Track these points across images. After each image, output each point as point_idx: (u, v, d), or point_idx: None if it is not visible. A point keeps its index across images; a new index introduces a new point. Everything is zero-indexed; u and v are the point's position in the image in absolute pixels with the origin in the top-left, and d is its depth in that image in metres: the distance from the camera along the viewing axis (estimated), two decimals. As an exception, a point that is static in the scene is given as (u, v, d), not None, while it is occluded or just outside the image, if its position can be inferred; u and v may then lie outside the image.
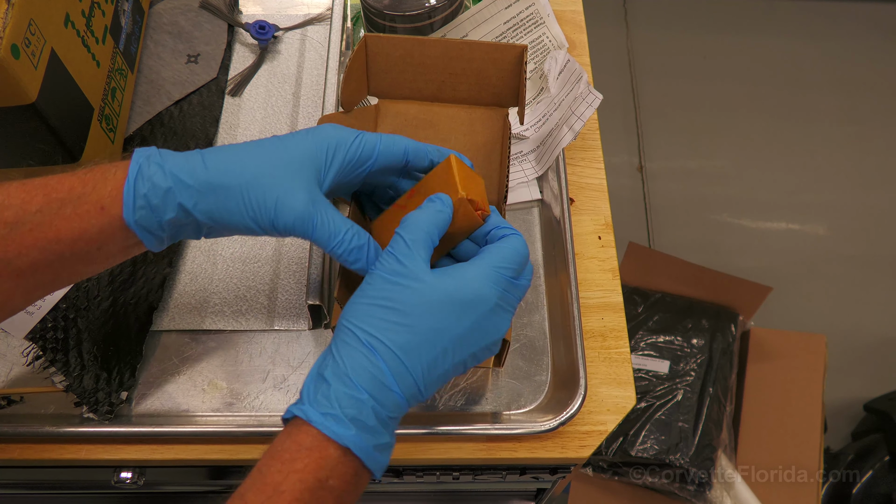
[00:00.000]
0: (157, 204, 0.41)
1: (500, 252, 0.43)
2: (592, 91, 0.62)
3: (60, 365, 0.53)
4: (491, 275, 0.42)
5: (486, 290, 0.41)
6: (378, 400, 0.38)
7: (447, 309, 0.40)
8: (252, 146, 0.43)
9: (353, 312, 0.40)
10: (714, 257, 1.55)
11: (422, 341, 0.39)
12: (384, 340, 0.39)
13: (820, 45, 1.91)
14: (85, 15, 0.58)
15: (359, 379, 0.38)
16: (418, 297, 0.40)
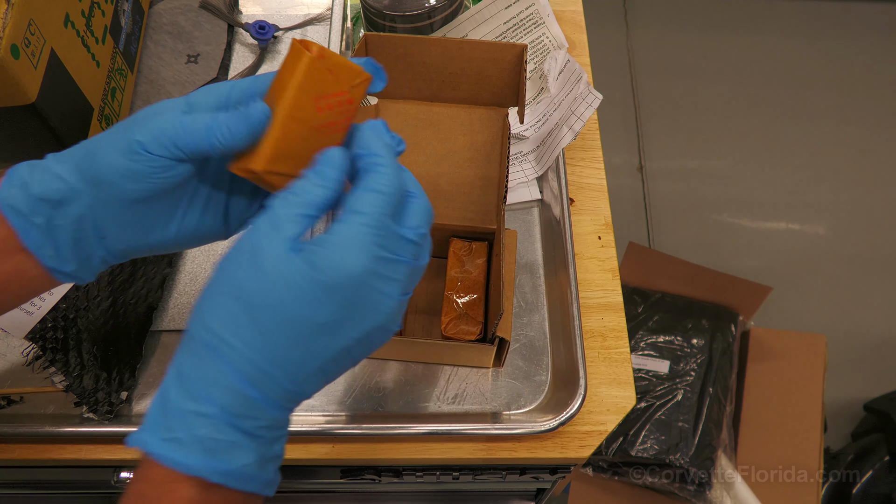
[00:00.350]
0: (29, 180, 0.37)
1: (365, 200, 0.33)
2: (592, 91, 0.62)
3: (60, 365, 0.53)
4: (356, 239, 0.32)
5: (350, 261, 0.32)
6: (234, 411, 0.31)
7: (300, 294, 0.31)
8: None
9: (199, 307, 0.33)
10: (714, 257, 1.55)
11: (277, 336, 0.32)
12: (230, 339, 0.32)
13: (820, 45, 1.91)
14: (85, 15, 0.57)
15: (205, 390, 0.31)
16: (265, 283, 0.32)
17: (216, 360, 0.32)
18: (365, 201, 0.33)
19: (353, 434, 0.53)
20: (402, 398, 0.56)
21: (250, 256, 0.32)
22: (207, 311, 0.32)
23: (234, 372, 0.32)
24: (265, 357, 0.32)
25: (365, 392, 0.56)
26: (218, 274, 0.33)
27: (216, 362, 0.32)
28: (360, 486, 0.64)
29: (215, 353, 0.32)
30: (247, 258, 0.32)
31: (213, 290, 0.33)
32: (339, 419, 0.54)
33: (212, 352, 0.32)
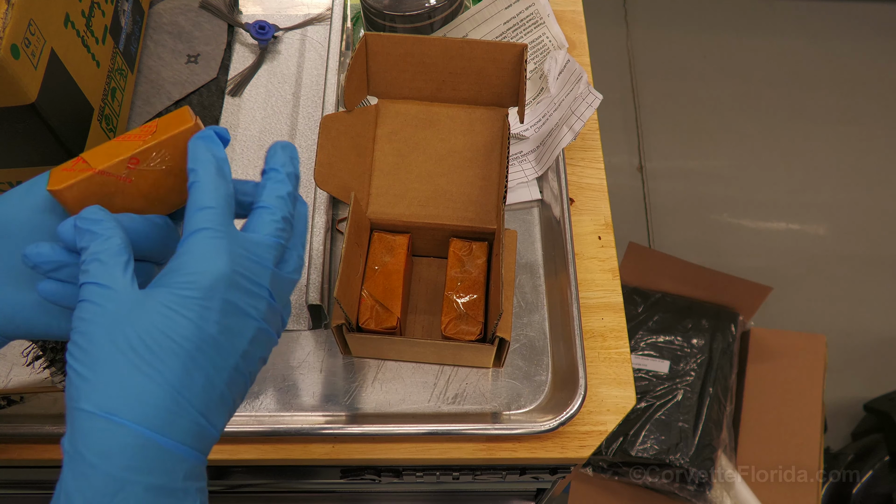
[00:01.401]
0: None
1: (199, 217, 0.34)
2: (592, 91, 0.62)
3: (60, 365, 0.53)
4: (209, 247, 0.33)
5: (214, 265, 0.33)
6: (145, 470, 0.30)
7: (185, 314, 0.32)
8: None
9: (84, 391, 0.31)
10: (714, 257, 1.56)
11: (175, 368, 0.32)
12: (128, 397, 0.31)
13: (820, 45, 1.91)
14: (85, 15, 0.57)
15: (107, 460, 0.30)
16: (146, 320, 0.32)
17: (110, 426, 0.30)
18: (199, 218, 0.34)
19: (353, 434, 0.53)
20: (402, 398, 0.56)
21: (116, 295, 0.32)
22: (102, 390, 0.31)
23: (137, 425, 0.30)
24: (168, 395, 0.31)
25: (365, 392, 0.56)
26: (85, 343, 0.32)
27: (111, 427, 0.30)
28: (360, 486, 0.64)
29: (109, 422, 0.30)
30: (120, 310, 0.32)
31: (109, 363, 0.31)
32: (339, 419, 0.54)
33: (106, 422, 0.30)
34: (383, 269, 0.55)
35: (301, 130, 0.69)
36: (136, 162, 0.36)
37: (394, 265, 0.55)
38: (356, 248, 0.53)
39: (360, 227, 0.55)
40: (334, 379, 0.56)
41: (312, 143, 0.67)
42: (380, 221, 0.58)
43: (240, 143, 0.68)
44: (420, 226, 0.58)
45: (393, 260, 0.56)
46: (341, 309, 0.49)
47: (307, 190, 0.65)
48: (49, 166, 0.56)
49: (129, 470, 0.30)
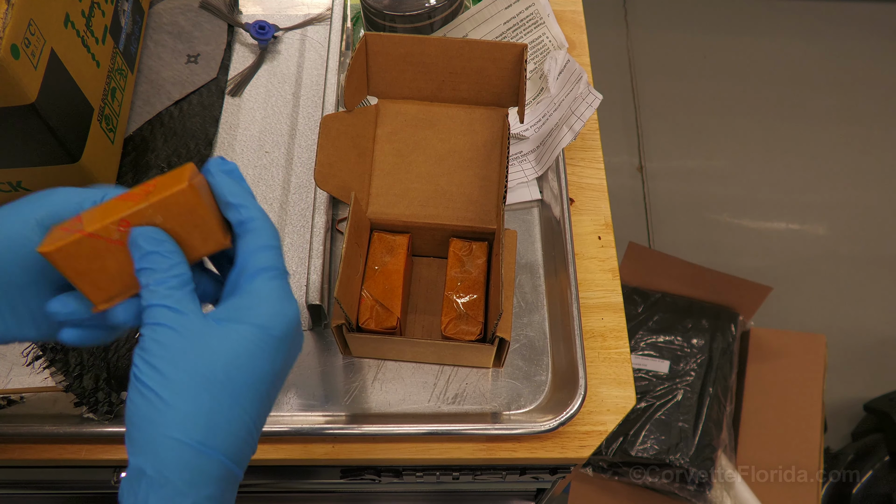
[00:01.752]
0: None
1: (266, 256, 0.35)
2: (592, 91, 0.62)
3: (60, 365, 0.53)
4: (280, 290, 0.35)
5: (289, 310, 0.35)
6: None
7: (260, 355, 0.33)
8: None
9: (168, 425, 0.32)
10: (714, 257, 1.55)
11: (255, 406, 0.34)
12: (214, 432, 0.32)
13: (820, 45, 1.91)
14: (85, 15, 0.57)
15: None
16: (225, 361, 0.33)
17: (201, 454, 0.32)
18: (266, 257, 0.35)
19: (353, 434, 0.53)
20: (402, 398, 0.56)
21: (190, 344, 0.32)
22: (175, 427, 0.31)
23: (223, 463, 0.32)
24: (248, 430, 0.33)
25: (365, 392, 0.56)
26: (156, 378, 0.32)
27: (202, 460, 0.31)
28: (360, 486, 0.64)
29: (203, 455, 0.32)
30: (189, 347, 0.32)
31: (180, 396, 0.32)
32: (339, 419, 0.54)
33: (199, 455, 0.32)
34: (383, 269, 0.55)
35: (301, 130, 0.68)
36: (127, 224, 0.34)
37: (394, 265, 0.56)
38: (356, 248, 0.53)
39: (360, 227, 0.55)
40: (334, 379, 0.56)
41: (312, 143, 0.67)
42: (380, 221, 0.58)
43: (240, 143, 0.68)
44: (420, 226, 0.58)
45: (393, 260, 0.56)
46: (341, 309, 0.49)
47: (307, 190, 0.65)
48: (49, 166, 0.56)
49: (211, 500, 0.32)
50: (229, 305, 0.34)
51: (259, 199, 0.64)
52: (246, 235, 0.35)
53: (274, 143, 0.68)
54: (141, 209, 0.34)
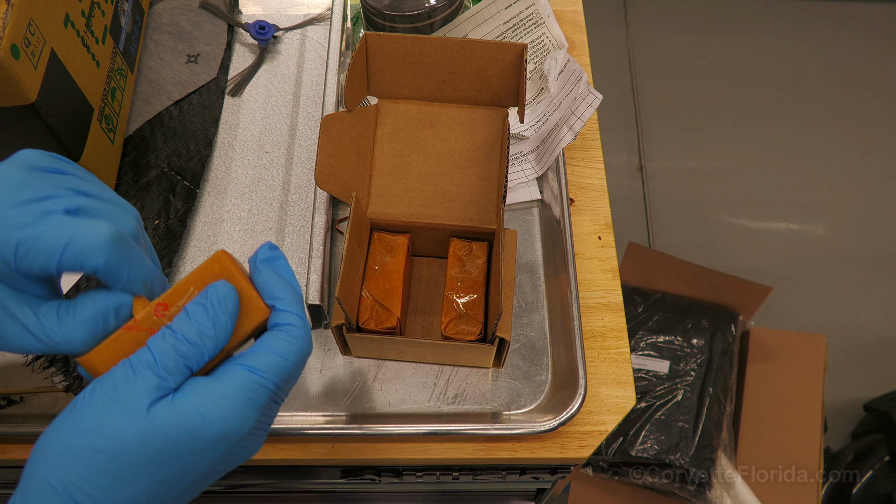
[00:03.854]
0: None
1: (272, 360, 0.32)
2: (592, 91, 0.62)
3: (60, 365, 0.53)
4: (250, 399, 0.31)
5: (236, 424, 0.31)
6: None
7: (181, 454, 0.30)
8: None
9: (56, 460, 0.29)
10: (714, 257, 1.55)
11: (158, 493, 0.30)
12: (99, 500, 0.29)
13: (820, 45, 1.91)
14: (85, 15, 0.58)
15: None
16: (140, 445, 0.29)
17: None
18: (268, 363, 0.32)
19: (353, 434, 0.53)
20: (402, 398, 0.56)
21: (125, 406, 0.29)
22: (69, 469, 0.29)
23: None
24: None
25: (365, 392, 0.56)
26: (85, 421, 0.29)
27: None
28: (360, 486, 0.64)
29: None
30: (121, 408, 0.29)
31: (75, 444, 0.29)
32: (339, 419, 0.54)
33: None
34: (383, 269, 0.55)
35: (301, 130, 0.68)
36: (165, 307, 0.34)
37: (394, 265, 0.56)
38: (357, 248, 0.53)
39: (361, 227, 0.55)
40: (334, 379, 0.56)
41: (312, 143, 0.67)
42: (380, 221, 0.58)
43: (240, 143, 0.68)
44: (420, 226, 0.58)
45: (393, 260, 0.56)
46: (342, 309, 0.49)
47: (307, 190, 0.65)
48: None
49: None
50: (204, 389, 0.31)
51: (259, 199, 0.65)
52: (274, 332, 0.33)
53: (274, 143, 0.68)
54: (174, 289, 0.34)
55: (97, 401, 0.30)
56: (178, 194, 0.63)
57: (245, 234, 0.63)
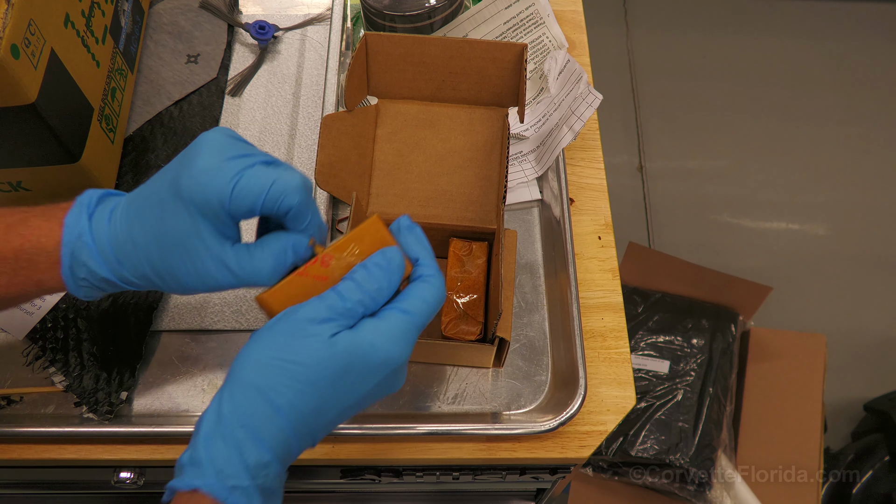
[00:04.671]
0: (101, 285, 0.41)
1: (419, 304, 0.40)
2: (592, 91, 0.62)
3: (60, 365, 0.53)
4: (406, 334, 0.39)
5: (397, 353, 0.38)
6: (283, 461, 0.37)
7: (354, 373, 0.37)
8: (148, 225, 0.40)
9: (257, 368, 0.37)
10: (714, 257, 1.55)
11: (326, 406, 0.37)
12: (293, 402, 0.36)
13: (820, 45, 1.91)
14: (85, 15, 0.57)
15: (267, 441, 0.36)
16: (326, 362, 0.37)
17: (278, 416, 0.36)
18: (417, 307, 0.39)
19: (353, 434, 0.53)
20: (402, 398, 0.56)
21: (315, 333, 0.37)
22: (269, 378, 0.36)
23: (292, 433, 0.36)
24: (314, 421, 0.37)
25: (365, 392, 0.56)
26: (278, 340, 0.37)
27: (280, 421, 0.36)
28: (360, 486, 0.64)
29: (278, 411, 0.36)
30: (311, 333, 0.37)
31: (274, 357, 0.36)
32: (339, 419, 0.54)
33: (275, 410, 0.36)
34: (383, 269, 0.55)
35: (301, 130, 0.69)
36: (331, 258, 0.40)
37: (394, 265, 0.55)
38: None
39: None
40: (334, 379, 0.56)
41: (312, 143, 0.67)
42: (380, 221, 0.58)
43: (240, 143, 0.68)
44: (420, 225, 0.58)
45: (393, 260, 0.56)
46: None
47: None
48: (49, 166, 0.56)
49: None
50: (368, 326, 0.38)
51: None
52: (418, 283, 0.40)
53: (274, 143, 0.68)
54: (338, 244, 0.40)
55: (290, 327, 0.37)
56: (178, 194, 0.62)
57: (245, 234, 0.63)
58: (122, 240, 0.40)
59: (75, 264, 0.40)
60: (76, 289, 0.41)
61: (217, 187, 0.37)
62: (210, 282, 0.40)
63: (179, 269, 0.39)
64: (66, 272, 0.41)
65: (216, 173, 0.37)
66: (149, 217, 0.39)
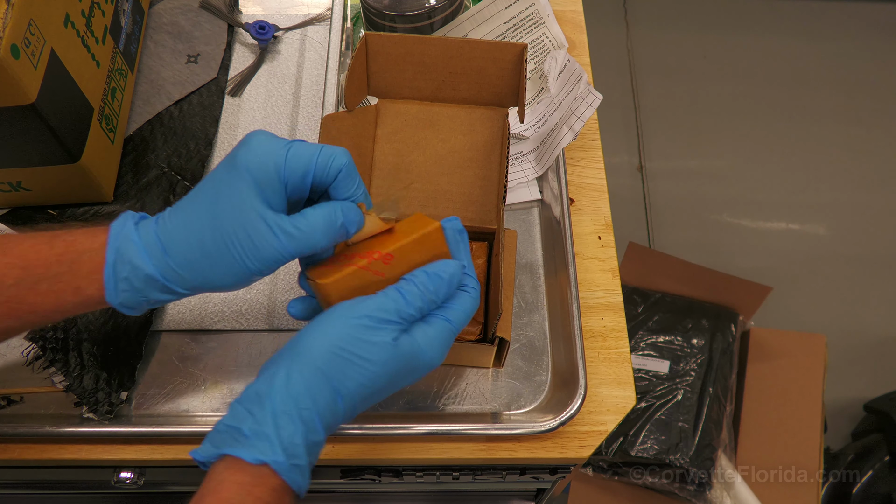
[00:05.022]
0: (141, 287, 0.41)
1: (461, 315, 0.43)
2: (592, 91, 0.62)
3: (60, 365, 0.53)
4: (447, 342, 0.42)
5: (438, 359, 0.42)
6: (329, 430, 0.40)
7: (403, 372, 0.41)
8: (201, 206, 0.41)
9: (328, 356, 0.39)
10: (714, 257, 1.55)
11: (373, 397, 0.41)
12: (353, 395, 0.39)
13: (820, 45, 1.91)
14: (85, 15, 0.58)
15: (326, 421, 0.39)
16: (389, 363, 0.40)
17: (338, 403, 0.39)
18: (459, 317, 0.43)
19: (353, 434, 0.53)
20: (402, 398, 0.56)
21: (381, 332, 0.40)
22: (338, 366, 0.39)
23: (343, 414, 0.39)
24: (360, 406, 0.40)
25: (365, 392, 0.56)
26: (348, 333, 0.39)
27: (337, 403, 0.39)
28: (360, 486, 0.64)
29: (340, 399, 0.39)
30: (378, 332, 0.39)
31: (344, 349, 0.39)
32: (339, 419, 0.54)
33: (337, 397, 0.39)
34: (383, 269, 0.55)
35: (301, 130, 0.69)
36: (391, 258, 0.42)
37: (394, 265, 0.55)
38: (356, 248, 0.53)
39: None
40: (334, 379, 0.56)
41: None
42: (380, 221, 0.58)
43: (240, 143, 0.68)
44: (420, 226, 0.58)
45: (393, 260, 0.56)
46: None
47: (307, 190, 0.65)
48: (49, 166, 0.56)
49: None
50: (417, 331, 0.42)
51: (259, 199, 0.65)
52: (462, 294, 0.43)
53: (274, 143, 0.68)
54: (402, 245, 0.42)
55: (359, 321, 0.39)
56: (179, 194, 0.62)
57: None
58: (170, 228, 0.41)
59: (119, 262, 0.40)
60: (115, 293, 0.40)
61: (272, 153, 0.40)
62: (265, 250, 0.40)
63: (233, 244, 0.40)
64: (109, 272, 0.40)
65: (271, 145, 0.40)
66: (202, 199, 0.40)
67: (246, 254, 0.40)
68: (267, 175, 0.40)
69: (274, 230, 0.40)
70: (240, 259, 0.40)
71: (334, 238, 0.42)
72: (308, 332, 0.40)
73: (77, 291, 0.41)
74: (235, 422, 0.38)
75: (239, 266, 0.40)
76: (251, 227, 0.39)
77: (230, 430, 0.38)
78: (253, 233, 0.39)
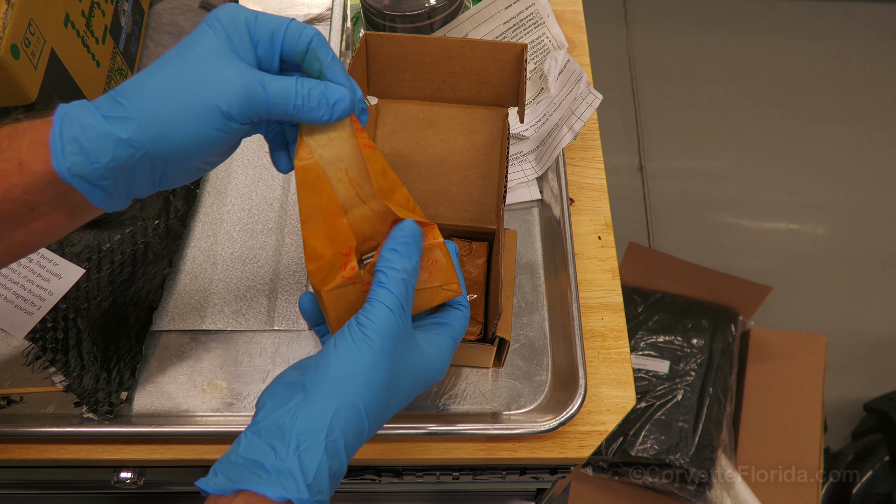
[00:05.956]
0: (92, 146, 0.36)
1: (461, 333, 0.45)
2: (592, 91, 0.62)
3: (60, 365, 0.53)
4: (450, 358, 0.44)
5: (443, 375, 0.43)
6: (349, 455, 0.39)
7: (416, 384, 0.42)
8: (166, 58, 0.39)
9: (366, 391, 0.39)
10: (714, 257, 1.55)
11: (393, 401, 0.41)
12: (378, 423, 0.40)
13: (820, 45, 1.91)
14: (85, 15, 0.58)
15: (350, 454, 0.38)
16: (411, 392, 0.41)
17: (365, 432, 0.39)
18: (459, 335, 0.45)
19: (353, 434, 0.53)
20: (402, 398, 0.56)
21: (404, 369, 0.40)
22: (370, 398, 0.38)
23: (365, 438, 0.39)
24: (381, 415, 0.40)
25: (365, 392, 0.56)
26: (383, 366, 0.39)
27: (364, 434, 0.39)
28: (360, 486, 0.64)
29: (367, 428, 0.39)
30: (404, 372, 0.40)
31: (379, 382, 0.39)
32: (339, 419, 0.54)
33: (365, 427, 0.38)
34: (383, 269, 0.55)
35: (301, 130, 0.68)
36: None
37: (394, 265, 0.55)
38: (356, 248, 0.53)
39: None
40: (334, 379, 0.56)
41: (312, 143, 0.67)
42: (380, 221, 0.58)
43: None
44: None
45: (393, 260, 0.56)
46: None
47: (307, 190, 0.65)
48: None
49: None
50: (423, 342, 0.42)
51: (259, 199, 0.65)
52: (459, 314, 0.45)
53: (274, 143, 0.68)
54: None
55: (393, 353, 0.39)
56: (178, 194, 0.62)
57: (245, 234, 0.63)
58: (127, 84, 0.37)
59: (66, 123, 0.36)
60: (63, 156, 0.35)
61: (244, 11, 0.39)
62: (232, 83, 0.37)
63: (198, 81, 0.37)
64: (55, 133, 0.36)
65: (242, 8, 0.40)
66: (168, 55, 0.38)
67: (208, 88, 0.37)
68: (237, 27, 0.39)
69: (241, 69, 0.38)
70: (201, 96, 0.37)
71: (311, 107, 0.40)
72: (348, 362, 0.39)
73: (21, 167, 0.36)
74: (256, 455, 0.36)
75: (199, 103, 0.37)
76: (221, 62, 0.38)
77: (249, 464, 0.36)
78: (221, 67, 0.37)
